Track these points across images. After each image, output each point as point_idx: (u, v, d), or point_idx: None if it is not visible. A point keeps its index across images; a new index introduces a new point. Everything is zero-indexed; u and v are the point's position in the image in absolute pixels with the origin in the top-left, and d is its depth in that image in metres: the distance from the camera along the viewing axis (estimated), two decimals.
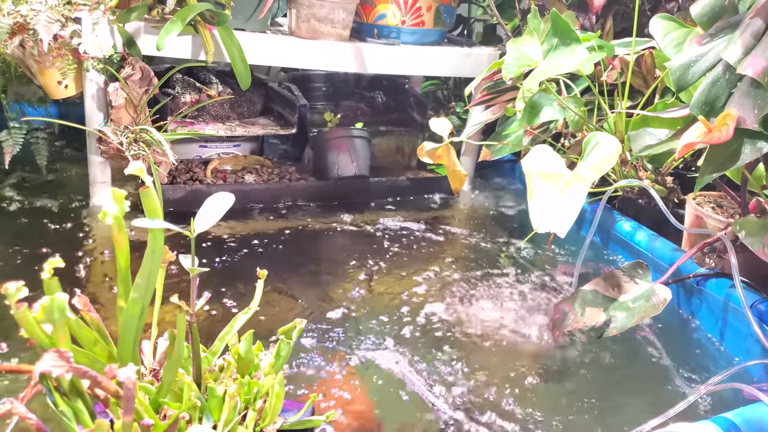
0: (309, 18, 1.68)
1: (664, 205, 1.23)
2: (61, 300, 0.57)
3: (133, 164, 0.61)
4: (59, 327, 0.59)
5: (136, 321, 0.66)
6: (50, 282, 0.57)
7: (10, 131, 1.54)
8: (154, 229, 0.63)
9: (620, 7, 1.82)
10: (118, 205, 0.60)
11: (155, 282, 0.67)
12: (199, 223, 0.68)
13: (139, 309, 0.66)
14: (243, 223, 1.60)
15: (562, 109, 1.42)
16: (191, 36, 1.55)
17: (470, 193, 1.97)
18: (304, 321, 0.81)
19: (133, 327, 0.66)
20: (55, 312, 0.57)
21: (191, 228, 0.67)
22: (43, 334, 0.58)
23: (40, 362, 0.53)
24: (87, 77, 1.50)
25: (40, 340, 0.58)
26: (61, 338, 0.59)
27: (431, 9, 1.83)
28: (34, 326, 0.58)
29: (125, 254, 0.65)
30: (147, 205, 0.63)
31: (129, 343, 0.67)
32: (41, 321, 0.58)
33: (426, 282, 1.38)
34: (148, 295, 0.66)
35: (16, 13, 1.36)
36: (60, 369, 0.54)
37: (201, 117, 1.80)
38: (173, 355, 0.68)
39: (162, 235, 0.64)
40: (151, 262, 0.64)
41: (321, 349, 1.10)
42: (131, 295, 0.65)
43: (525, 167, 1.03)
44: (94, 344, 0.69)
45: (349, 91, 2.29)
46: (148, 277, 0.65)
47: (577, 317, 1.05)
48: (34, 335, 0.58)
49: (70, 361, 0.54)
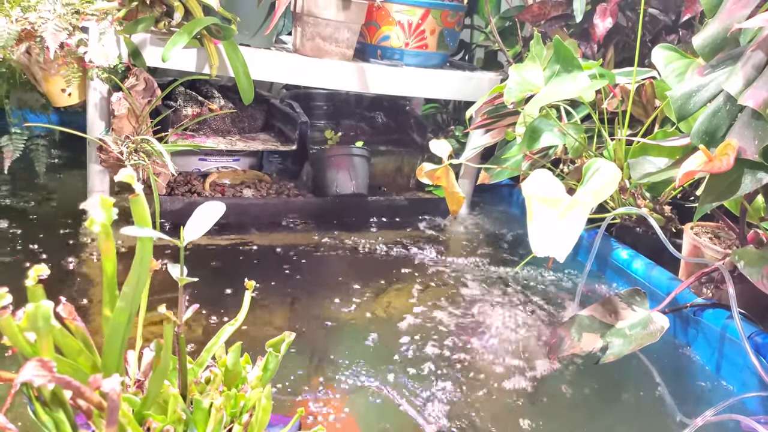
0: (314, 36, 1.70)
1: (662, 234, 1.23)
2: (46, 308, 0.56)
3: (123, 171, 0.61)
4: (43, 335, 0.57)
5: (122, 330, 0.65)
6: (34, 289, 0.56)
7: (11, 137, 1.54)
8: (143, 237, 0.62)
9: (621, 38, 1.85)
10: (106, 213, 0.59)
11: (143, 291, 0.65)
12: (189, 232, 0.67)
13: (126, 318, 0.64)
14: (240, 236, 1.60)
15: (563, 135, 1.42)
16: (196, 49, 1.56)
17: (468, 216, 1.97)
18: (293, 334, 0.80)
19: (119, 336, 0.65)
20: (39, 320, 0.56)
21: (180, 237, 0.66)
22: (26, 343, 0.57)
23: (22, 371, 0.52)
24: (91, 86, 1.51)
25: (22, 348, 0.57)
26: (44, 347, 0.58)
27: (435, 32, 1.85)
28: (17, 334, 0.56)
29: (112, 262, 0.64)
30: (136, 213, 0.63)
31: (114, 353, 0.65)
32: (25, 329, 0.56)
33: (419, 303, 1.37)
34: (135, 304, 0.64)
35: (24, 20, 1.36)
36: (42, 379, 0.53)
37: (202, 130, 1.81)
38: (159, 367, 0.67)
39: (150, 244, 0.63)
40: (139, 271, 0.63)
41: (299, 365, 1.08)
42: (118, 304, 0.63)
43: (525, 191, 1.03)
44: (78, 354, 0.67)
45: (350, 110, 2.30)
46: (136, 285, 0.63)
47: (574, 342, 1.04)
48: (16, 343, 0.57)
49: (52, 371, 0.53)
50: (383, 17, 1.81)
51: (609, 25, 1.68)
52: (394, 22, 1.81)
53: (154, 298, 0.96)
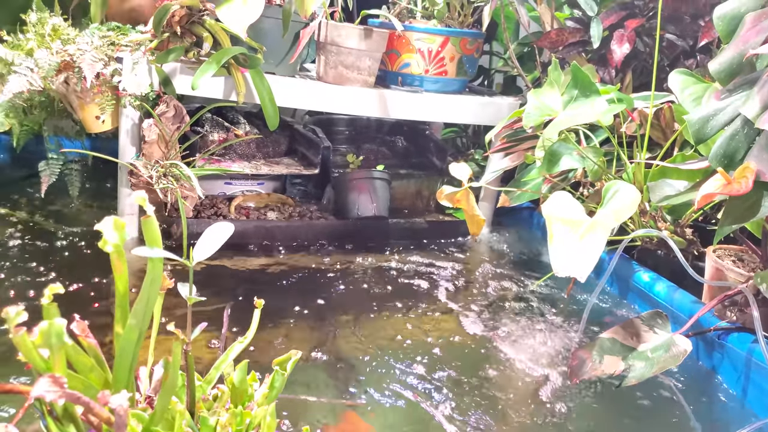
0: (337, 65, 1.75)
1: (683, 257, 1.23)
2: (59, 326, 0.58)
3: (135, 194, 0.64)
4: (56, 352, 0.59)
5: (133, 347, 0.66)
6: (49, 307, 0.58)
7: (48, 162, 1.60)
8: (154, 258, 0.65)
9: (639, 63, 1.87)
10: (119, 234, 0.62)
11: (153, 307, 0.67)
12: (198, 252, 0.69)
13: (136, 335, 0.66)
14: (262, 258, 1.63)
15: (582, 158, 1.44)
16: (224, 77, 1.62)
17: (488, 238, 1.99)
18: (299, 353, 0.81)
19: (129, 353, 0.66)
20: (53, 337, 0.58)
21: (190, 258, 0.68)
22: (40, 359, 0.59)
23: (35, 387, 0.54)
24: (123, 113, 1.57)
25: (36, 364, 0.59)
26: (57, 363, 0.60)
27: (454, 59, 1.89)
28: (31, 350, 0.58)
29: (124, 281, 0.66)
30: (147, 235, 0.65)
31: (125, 370, 0.67)
32: (39, 345, 0.58)
33: (441, 324, 1.38)
34: (146, 322, 0.66)
35: (64, 52, 1.44)
36: (54, 394, 0.55)
37: (228, 155, 1.86)
38: (166, 383, 0.68)
39: (161, 264, 0.65)
40: (150, 290, 0.65)
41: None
42: (129, 322, 0.65)
43: (545, 212, 1.05)
44: (90, 370, 0.69)
45: (371, 135, 2.35)
46: (146, 303, 0.65)
47: (595, 365, 1.05)
48: (31, 359, 0.59)
49: (63, 387, 0.55)
50: (404, 45, 1.86)
51: (626, 50, 1.70)
52: (415, 49, 1.86)
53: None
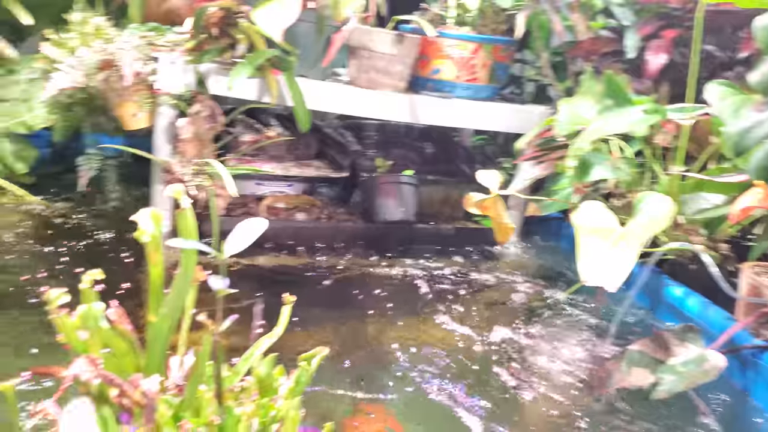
0: (369, 69, 1.76)
1: (717, 271, 1.21)
2: (97, 309, 0.60)
3: (171, 187, 0.65)
4: (93, 334, 0.62)
5: (165, 335, 0.68)
6: (88, 292, 0.61)
7: (86, 157, 1.65)
8: (188, 249, 0.66)
9: (675, 73, 1.84)
10: (156, 225, 0.63)
11: (185, 299, 0.69)
12: (230, 246, 0.70)
13: (168, 324, 0.68)
14: (289, 257, 1.65)
15: (614, 168, 1.42)
16: (257, 79, 1.64)
17: (515, 247, 1.97)
18: (326, 349, 0.81)
19: (161, 340, 0.69)
20: (91, 320, 0.60)
21: (221, 251, 0.70)
22: (78, 340, 0.62)
23: (72, 366, 0.56)
24: (160, 111, 1.60)
25: (74, 345, 0.62)
26: (93, 345, 0.62)
27: (486, 66, 1.89)
28: (70, 332, 0.61)
29: (159, 271, 0.68)
30: (182, 227, 0.66)
31: (156, 356, 0.69)
32: (77, 327, 0.61)
33: (464, 330, 1.38)
34: (177, 311, 0.68)
35: (105, 51, 1.48)
36: (89, 374, 0.57)
37: (259, 156, 1.89)
38: (196, 372, 0.70)
39: (195, 256, 0.67)
40: (183, 281, 0.67)
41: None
42: (161, 310, 0.68)
43: (575, 221, 1.04)
44: (124, 354, 0.71)
45: (399, 140, 2.35)
46: (179, 294, 0.67)
47: (623, 376, 1.03)
48: (69, 340, 0.61)
49: (98, 367, 0.57)
50: (435, 51, 1.87)
51: (662, 61, 1.68)
52: (446, 56, 1.86)
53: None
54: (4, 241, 1.49)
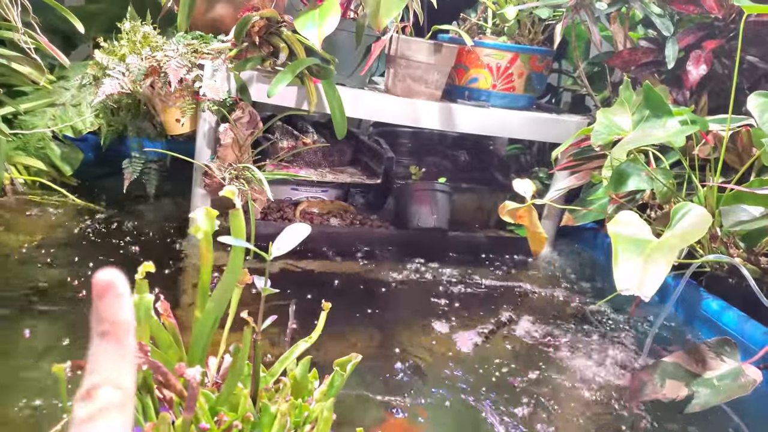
0: (405, 78, 1.78)
1: (756, 286, 1.19)
2: (148, 300, 0.64)
3: (226, 188, 0.68)
4: (143, 324, 0.65)
5: (208, 330, 0.71)
6: (141, 283, 0.64)
7: (131, 160, 1.71)
8: (236, 247, 0.69)
9: (716, 85, 1.81)
10: (209, 223, 0.66)
11: (230, 296, 0.72)
12: (276, 248, 0.73)
13: (212, 320, 0.71)
14: (325, 262, 1.68)
15: (651, 179, 1.41)
16: (297, 87, 1.68)
17: (549, 257, 1.96)
18: (359, 356, 0.83)
19: (204, 335, 0.71)
20: (142, 309, 0.64)
21: (269, 252, 0.72)
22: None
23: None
24: (202, 117, 1.66)
25: None
26: (142, 334, 0.66)
27: (523, 76, 1.89)
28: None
29: (208, 269, 0.71)
30: (234, 226, 0.69)
31: (199, 350, 0.72)
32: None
33: (495, 342, 1.38)
34: (222, 308, 0.71)
35: (152, 58, 1.54)
36: (138, 360, 0.60)
37: (296, 162, 1.93)
38: (234, 368, 0.73)
39: (242, 254, 0.70)
40: (229, 278, 0.70)
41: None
42: (207, 305, 0.70)
43: (611, 230, 1.04)
44: (168, 347, 0.75)
45: (434, 148, 2.37)
46: (224, 290, 0.70)
47: (656, 388, 1.02)
48: None
49: (147, 355, 0.61)
50: (472, 60, 1.88)
51: (703, 71, 1.66)
52: (483, 65, 1.87)
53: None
54: (52, 240, 1.56)
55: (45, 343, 1.12)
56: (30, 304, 1.25)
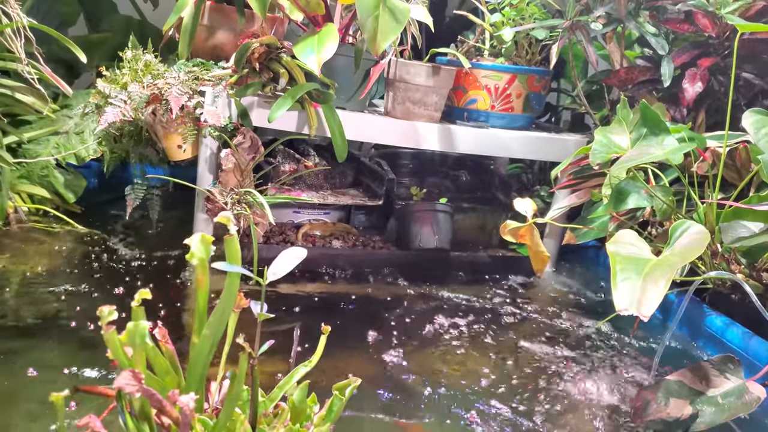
0: (404, 100, 1.80)
1: (759, 302, 1.18)
2: (143, 327, 0.64)
3: (222, 214, 0.69)
4: (138, 351, 0.65)
5: (205, 356, 0.71)
6: (137, 310, 0.64)
7: (133, 187, 1.73)
8: (232, 273, 0.70)
9: (713, 102, 1.82)
10: (205, 249, 0.67)
11: (227, 320, 0.72)
12: (272, 272, 0.74)
13: (209, 345, 0.71)
14: (328, 284, 1.68)
15: (650, 197, 1.42)
16: (297, 111, 1.70)
17: (551, 276, 1.96)
18: (358, 380, 0.82)
19: (201, 361, 0.71)
20: (137, 337, 0.64)
21: (264, 276, 0.73)
22: (124, 356, 0.65)
23: (117, 378, 0.60)
24: (203, 143, 1.68)
25: (121, 360, 0.66)
26: (138, 361, 0.66)
27: (521, 96, 1.91)
28: (117, 347, 0.65)
29: (205, 294, 0.71)
30: (229, 252, 0.70)
31: (196, 376, 0.72)
32: (124, 343, 0.65)
33: (497, 364, 1.37)
34: (219, 333, 0.71)
35: (153, 86, 1.56)
36: (132, 387, 0.60)
37: (297, 185, 1.94)
38: (231, 393, 0.73)
39: (238, 280, 0.70)
40: (225, 303, 0.70)
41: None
42: (203, 332, 0.70)
43: (609, 249, 1.04)
44: (165, 373, 0.75)
45: (434, 168, 2.38)
46: (221, 316, 0.70)
47: (660, 407, 1.01)
48: (116, 355, 0.65)
49: (141, 382, 0.61)
50: (471, 82, 1.90)
51: (699, 89, 1.67)
52: (481, 86, 1.89)
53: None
54: (53, 268, 1.57)
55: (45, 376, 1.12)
56: (33, 333, 1.26)
